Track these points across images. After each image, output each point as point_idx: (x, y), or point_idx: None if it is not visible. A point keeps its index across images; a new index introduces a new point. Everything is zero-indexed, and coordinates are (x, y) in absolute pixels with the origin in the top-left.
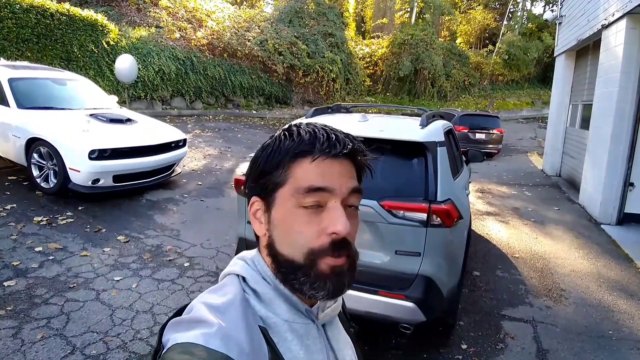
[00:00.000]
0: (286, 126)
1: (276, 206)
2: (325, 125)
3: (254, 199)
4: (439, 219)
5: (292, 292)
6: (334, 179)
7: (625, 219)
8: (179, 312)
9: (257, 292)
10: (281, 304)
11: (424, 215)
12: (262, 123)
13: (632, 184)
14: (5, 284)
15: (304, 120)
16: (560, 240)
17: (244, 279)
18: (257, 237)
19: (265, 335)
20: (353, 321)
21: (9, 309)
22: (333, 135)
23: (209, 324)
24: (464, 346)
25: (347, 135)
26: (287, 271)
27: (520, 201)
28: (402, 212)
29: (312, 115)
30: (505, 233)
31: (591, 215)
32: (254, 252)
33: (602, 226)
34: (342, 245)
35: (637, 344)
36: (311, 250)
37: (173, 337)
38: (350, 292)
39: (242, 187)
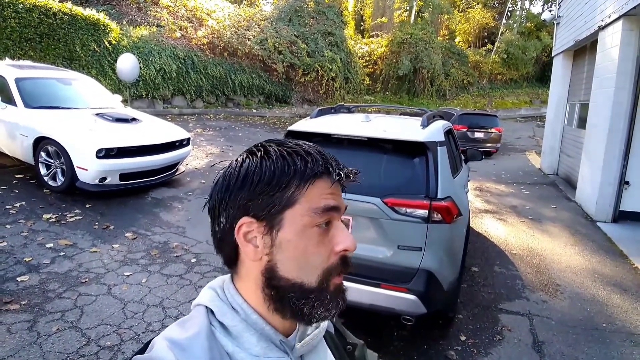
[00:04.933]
0: (274, 143)
1: (285, 227)
2: (313, 146)
3: (245, 219)
4: (439, 215)
5: (265, 322)
6: (340, 198)
7: (620, 217)
8: (146, 346)
9: (225, 325)
10: (250, 336)
11: (425, 212)
12: (263, 122)
13: (627, 183)
14: (19, 279)
15: (311, 121)
16: (557, 237)
17: (212, 311)
18: (231, 264)
19: None
20: (357, 314)
21: (24, 303)
22: (334, 158)
23: None
24: (463, 338)
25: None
26: (295, 296)
27: (518, 199)
28: (404, 208)
29: (317, 115)
30: (503, 230)
31: (587, 213)
32: (226, 279)
33: (597, 224)
34: (348, 262)
35: (629, 336)
36: (326, 270)
37: None
38: (354, 285)
39: None
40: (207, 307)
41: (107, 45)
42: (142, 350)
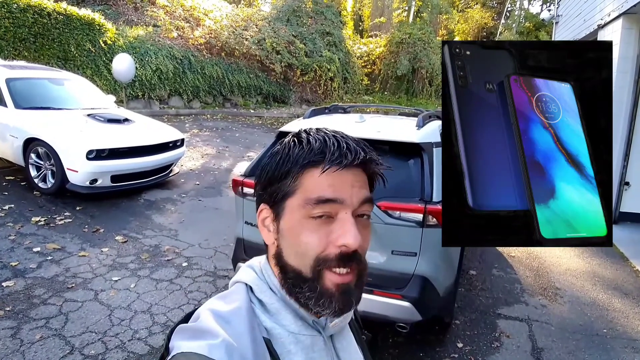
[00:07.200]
0: (296, 132)
1: (285, 216)
2: (337, 132)
3: (262, 206)
4: (434, 219)
5: (298, 305)
6: (344, 189)
7: (620, 218)
8: (188, 317)
9: (263, 302)
10: (287, 315)
11: (419, 216)
12: (260, 122)
13: (627, 184)
14: (4, 284)
15: (303, 122)
16: None
17: (251, 288)
18: (267, 245)
19: (268, 347)
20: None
21: (8, 309)
22: (344, 144)
23: (214, 334)
24: (460, 345)
25: (358, 143)
26: (293, 283)
27: None
28: (398, 212)
29: (310, 116)
30: None
31: None
32: (263, 259)
33: None
34: (350, 258)
35: (630, 343)
36: (317, 258)
37: (178, 345)
38: None
39: (240, 188)
40: (246, 284)
41: (103, 45)
42: (184, 321)
